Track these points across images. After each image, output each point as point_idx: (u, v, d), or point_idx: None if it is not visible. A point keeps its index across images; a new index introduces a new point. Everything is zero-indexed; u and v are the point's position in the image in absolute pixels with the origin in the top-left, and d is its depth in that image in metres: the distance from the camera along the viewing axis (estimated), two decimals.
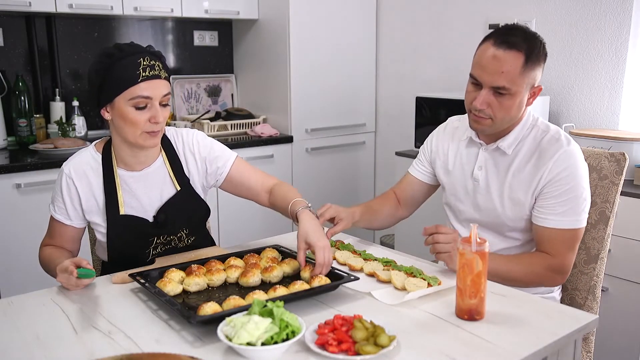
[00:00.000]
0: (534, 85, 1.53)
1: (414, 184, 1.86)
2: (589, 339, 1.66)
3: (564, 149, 1.54)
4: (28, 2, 2.77)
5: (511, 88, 1.48)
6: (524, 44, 1.47)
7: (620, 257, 2.28)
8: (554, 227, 1.54)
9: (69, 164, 1.60)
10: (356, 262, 1.58)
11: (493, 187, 1.63)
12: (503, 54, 1.47)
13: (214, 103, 3.82)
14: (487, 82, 1.50)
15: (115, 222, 1.59)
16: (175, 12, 3.22)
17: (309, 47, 3.44)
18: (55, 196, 1.62)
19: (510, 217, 1.61)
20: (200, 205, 1.69)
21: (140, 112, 1.49)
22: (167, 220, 1.62)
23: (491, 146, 1.62)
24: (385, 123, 3.83)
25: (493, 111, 1.52)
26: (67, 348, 1.16)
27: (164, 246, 1.66)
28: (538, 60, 1.50)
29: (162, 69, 1.53)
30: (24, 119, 2.99)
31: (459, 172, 1.71)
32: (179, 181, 1.65)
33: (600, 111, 2.77)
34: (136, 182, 1.61)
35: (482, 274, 1.22)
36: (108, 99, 1.50)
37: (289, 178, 3.49)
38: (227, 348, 1.13)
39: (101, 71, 1.48)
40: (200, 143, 1.69)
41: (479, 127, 1.57)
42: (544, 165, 1.54)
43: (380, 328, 1.12)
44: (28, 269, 2.62)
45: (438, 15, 3.39)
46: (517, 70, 1.47)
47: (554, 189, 1.53)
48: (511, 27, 1.52)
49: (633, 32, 2.62)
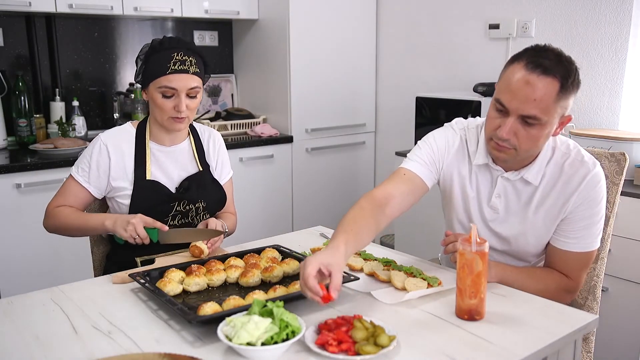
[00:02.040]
0: (564, 114, 1.40)
1: (414, 182, 1.55)
2: (589, 339, 1.66)
3: (591, 174, 1.45)
4: (28, 2, 2.77)
5: (542, 118, 1.34)
6: (560, 68, 1.33)
7: (620, 257, 2.28)
8: (575, 251, 1.49)
9: (105, 133, 1.77)
10: (356, 262, 1.58)
11: (513, 217, 1.53)
12: (537, 80, 1.32)
13: (214, 103, 3.82)
14: (516, 110, 1.35)
15: (141, 186, 1.72)
16: (175, 12, 3.22)
17: (309, 47, 3.44)
18: (81, 159, 1.75)
19: (533, 243, 1.54)
20: (218, 187, 1.85)
21: (166, 100, 1.68)
22: (189, 189, 1.77)
23: (512, 175, 1.50)
24: (385, 123, 3.83)
25: (518, 141, 1.38)
26: (67, 348, 1.16)
27: (182, 217, 1.76)
28: (573, 87, 1.36)
29: (194, 64, 1.69)
30: (24, 119, 2.99)
31: (474, 199, 1.57)
32: (202, 164, 1.83)
33: (600, 111, 2.77)
34: (164, 155, 1.78)
35: (482, 274, 1.22)
36: (145, 84, 1.72)
37: (289, 178, 3.49)
38: (227, 348, 1.13)
39: (144, 59, 1.71)
40: (221, 144, 1.92)
41: (501, 157, 1.44)
42: (574, 192, 1.45)
43: (380, 328, 1.12)
44: (28, 269, 2.62)
45: (438, 15, 3.39)
46: (552, 99, 1.32)
47: (578, 215, 1.47)
48: (545, 49, 1.36)
49: (633, 32, 2.63)
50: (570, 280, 1.52)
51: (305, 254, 1.60)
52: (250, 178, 3.28)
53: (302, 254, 1.60)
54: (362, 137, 3.81)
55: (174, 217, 1.75)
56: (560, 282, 1.51)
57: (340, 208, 3.63)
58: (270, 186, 3.41)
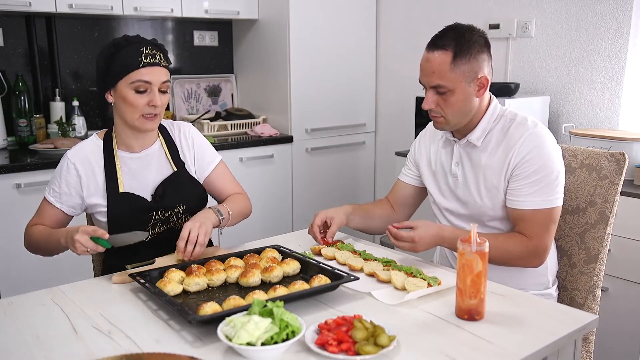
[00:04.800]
0: (477, 77, 1.56)
1: (405, 189, 1.89)
2: (589, 339, 1.66)
3: (529, 132, 1.57)
4: (28, 2, 2.77)
5: (447, 85, 1.55)
6: (452, 42, 1.54)
7: (620, 257, 2.29)
8: (527, 209, 1.56)
9: (72, 150, 1.71)
10: (356, 262, 1.58)
11: (470, 180, 1.67)
12: (432, 55, 1.56)
13: (214, 103, 3.82)
14: (427, 84, 1.59)
15: (116, 200, 1.66)
16: (175, 12, 3.22)
17: (309, 47, 3.44)
18: (52, 179, 1.71)
19: (489, 205, 1.64)
20: (196, 185, 1.78)
21: (139, 96, 1.61)
22: (165, 195, 1.70)
23: (462, 141, 1.67)
24: (385, 123, 3.83)
25: (442, 109, 1.59)
26: (67, 348, 1.16)
27: (163, 224, 1.70)
28: (469, 52, 1.54)
29: (163, 58, 1.65)
30: (24, 119, 2.99)
31: (440, 171, 1.75)
32: (176, 163, 1.75)
33: (600, 111, 2.77)
34: (135, 162, 1.71)
35: (482, 274, 1.22)
36: (112, 83, 1.62)
37: (289, 178, 3.49)
38: (227, 348, 1.13)
39: (108, 57, 1.62)
40: (194, 136, 1.83)
41: (438, 127, 1.65)
42: (512, 148, 1.58)
43: (380, 328, 1.12)
44: (28, 269, 2.62)
45: (438, 15, 3.39)
46: (447, 68, 1.53)
47: (523, 170, 1.56)
48: (444, 30, 1.59)
49: (633, 32, 2.63)
50: (530, 241, 1.56)
51: (305, 254, 1.61)
52: (250, 178, 3.28)
53: (302, 254, 1.60)
54: (362, 137, 3.81)
55: (154, 226, 1.69)
56: (521, 244, 1.56)
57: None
58: (270, 186, 3.41)
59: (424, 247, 1.54)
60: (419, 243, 1.53)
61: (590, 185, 1.69)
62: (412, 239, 1.53)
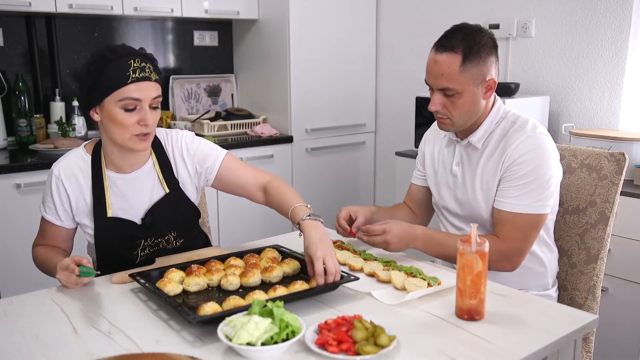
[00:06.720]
0: (485, 79, 1.55)
1: (419, 191, 1.89)
2: (589, 339, 1.66)
3: (527, 135, 1.56)
4: (28, 2, 2.77)
5: (455, 88, 1.53)
6: (461, 44, 1.52)
7: (620, 257, 2.29)
8: (508, 211, 1.55)
9: (58, 165, 1.60)
10: (356, 262, 1.58)
11: (468, 181, 1.67)
12: (441, 57, 1.53)
13: (214, 103, 3.82)
14: (434, 85, 1.57)
15: (103, 224, 1.58)
16: (175, 12, 3.21)
17: (309, 47, 3.44)
18: (45, 197, 1.62)
19: (484, 207, 1.64)
20: (189, 207, 1.68)
21: (129, 114, 1.48)
22: (155, 223, 1.61)
23: (464, 142, 1.67)
24: (385, 123, 3.83)
25: (449, 111, 1.58)
26: (67, 348, 1.16)
27: (151, 248, 1.64)
28: (479, 55, 1.52)
29: (153, 71, 1.52)
30: (24, 119, 2.99)
31: (442, 170, 1.76)
32: (168, 183, 1.64)
33: (600, 111, 2.77)
34: (125, 184, 1.61)
35: (482, 274, 1.22)
36: (98, 100, 1.49)
37: (289, 178, 3.49)
38: (227, 348, 1.13)
39: (92, 72, 1.48)
40: (188, 144, 1.68)
41: (443, 128, 1.64)
42: (507, 150, 1.58)
43: (380, 328, 1.12)
44: (28, 269, 2.60)
45: (438, 15, 3.39)
46: (457, 71, 1.52)
47: (513, 172, 1.56)
48: (452, 30, 1.56)
49: (633, 32, 2.63)
50: (502, 243, 1.53)
51: None
52: None
53: (302, 254, 1.60)
54: (362, 137, 3.81)
55: (143, 250, 1.62)
56: (492, 245, 1.45)
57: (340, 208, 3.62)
58: None
59: (396, 239, 1.57)
60: (390, 234, 1.57)
61: (590, 185, 1.69)
62: (383, 230, 1.58)
